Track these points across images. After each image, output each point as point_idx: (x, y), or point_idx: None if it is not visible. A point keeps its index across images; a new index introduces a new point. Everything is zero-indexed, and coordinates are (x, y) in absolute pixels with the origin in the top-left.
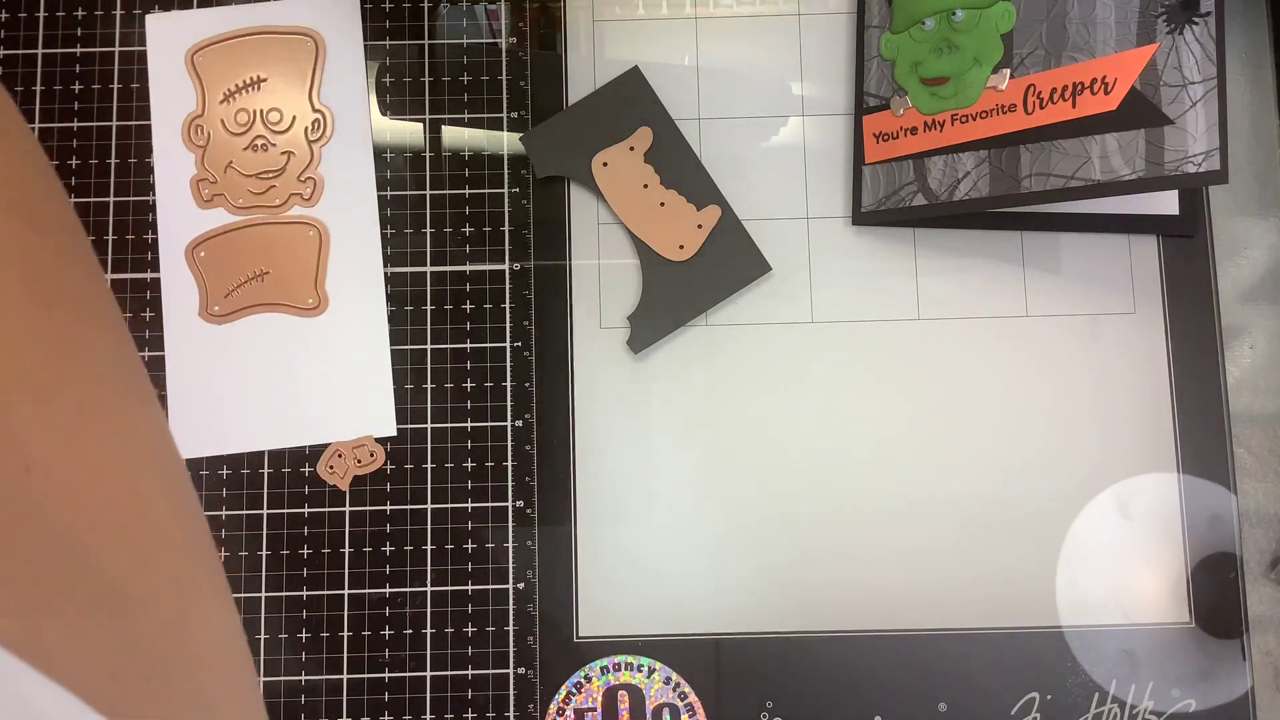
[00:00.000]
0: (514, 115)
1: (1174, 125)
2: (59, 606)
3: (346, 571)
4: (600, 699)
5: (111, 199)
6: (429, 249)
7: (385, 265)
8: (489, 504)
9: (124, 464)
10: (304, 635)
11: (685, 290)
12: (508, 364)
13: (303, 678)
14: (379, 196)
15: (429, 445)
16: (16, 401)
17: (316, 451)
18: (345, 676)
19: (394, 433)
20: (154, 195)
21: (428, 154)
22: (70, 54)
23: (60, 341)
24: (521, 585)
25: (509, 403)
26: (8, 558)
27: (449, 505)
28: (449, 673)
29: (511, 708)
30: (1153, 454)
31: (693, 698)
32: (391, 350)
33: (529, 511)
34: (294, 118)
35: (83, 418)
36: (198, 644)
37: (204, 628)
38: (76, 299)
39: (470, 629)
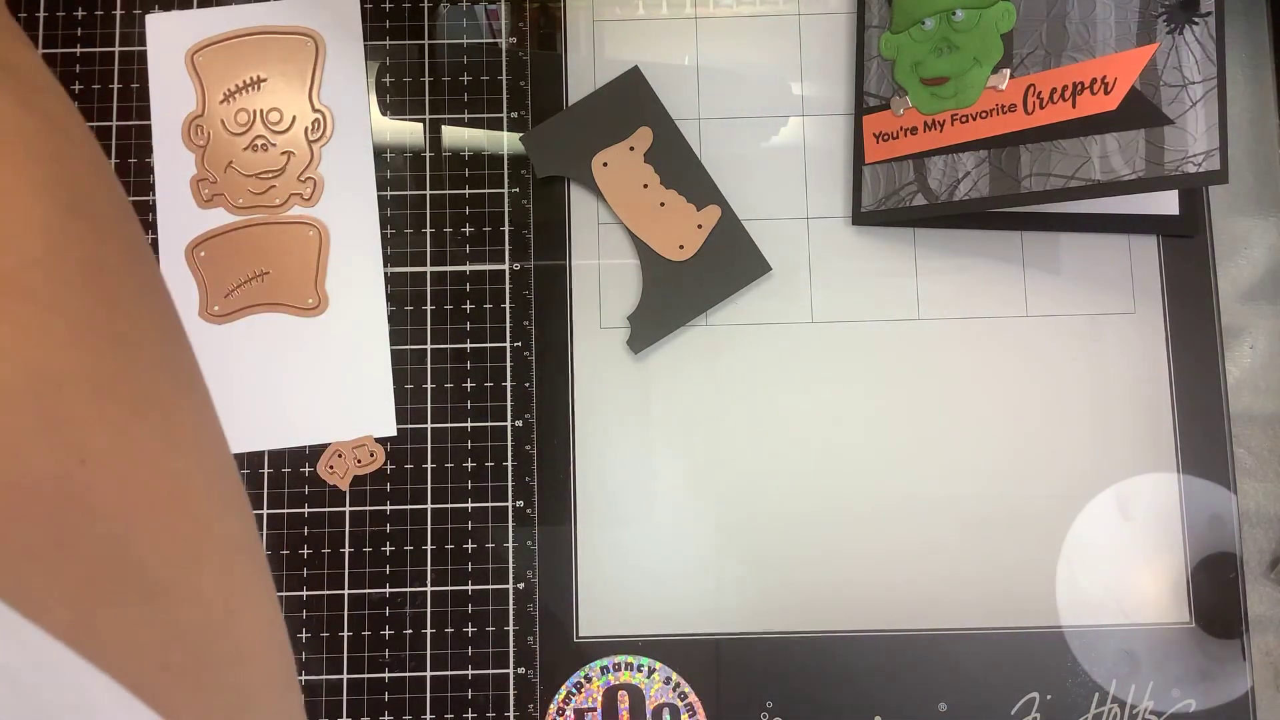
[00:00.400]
0: (514, 115)
1: (1174, 125)
2: (110, 598)
3: (346, 571)
4: (600, 699)
5: None
6: (429, 249)
7: (385, 265)
8: (489, 504)
9: (177, 461)
10: (304, 635)
11: (685, 290)
12: (508, 364)
13: (303, 678)
14: (379, 196)
15: (429, 445)
16: (76, 395)
17: (316, 451)
18: (345, 676)
19: (394, 433)
20: (154, 195)
21: (428, 154)
22: (70, 54)
23: (121, 341)
24: (521, 585)
25: (509, 403)
26: (62, 549)
27: (449, 505)
28: (449, 673)
29: (511, 708)
30: (1153, 454)
31: (693, 698)
32: (391, 350)
33: (529, 511)
34: (294, 118)
35: (139, 415)
36: (241, 639)
37: (247, 623)
38: (137, 299)
39: (470, 629)
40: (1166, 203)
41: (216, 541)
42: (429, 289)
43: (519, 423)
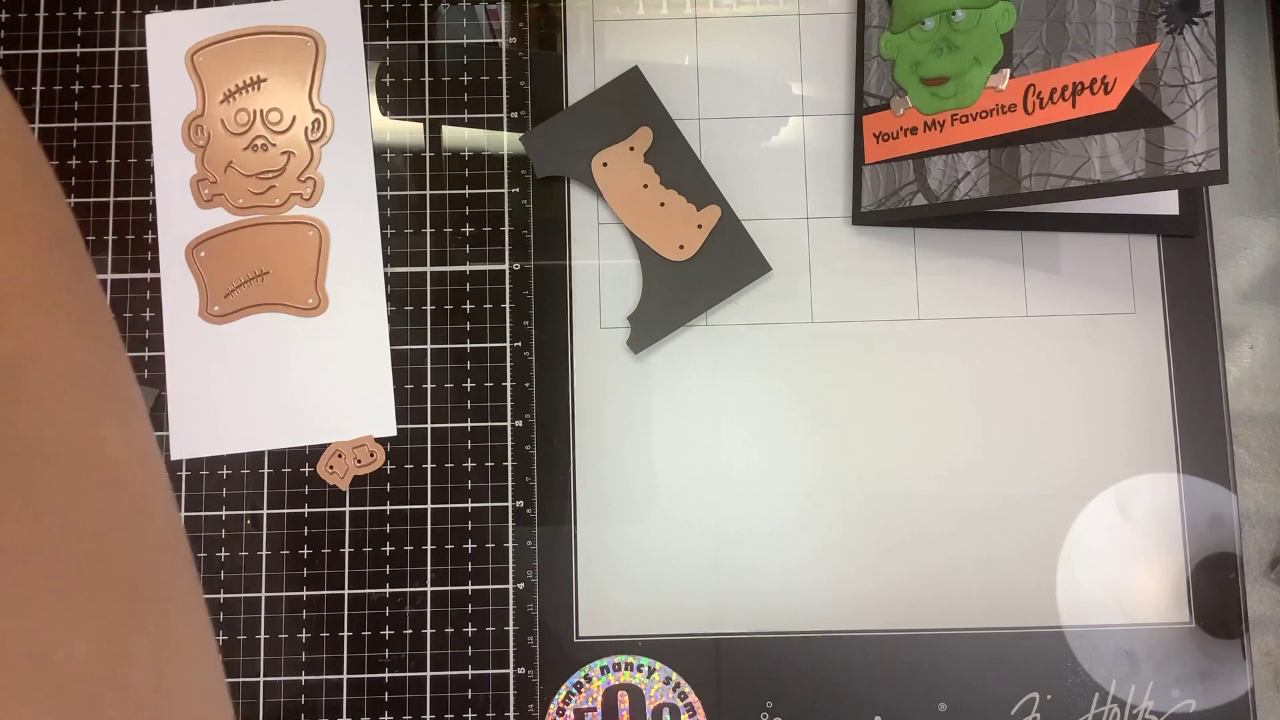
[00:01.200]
0: (514, 115)
1: (1174, 125)
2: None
3: (346, 571)
4: (600, 699)
5: (111, 199)
6: (429, 249)
7: (385, 265)
8: (489, 504)
9: (91, 508)
10: (304, 635)
11: (685, 290)
12: (508, 364)
13: (303, 678)
14: (379, 196)
15: (429, 445)
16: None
17: (316, 451)
18: (345, 676)
19: (394, 433)
20: (154, 195)
21: (428, 154)
22: (70, 54)
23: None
24: (521, 585)
25: (509, 403)
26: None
27: (449, 505)
28: (449, 673)
29: (511, 708)
30: (1153, 454)
31: (693, 698)
32: (391, 350)
33: (529, 511)
34: (294, 118)
35: (26, 490)
36: (175, 716)
37: (183, 697)
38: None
39: (470, 629)
40: (1166, 203)
41: (146, 605)
42: (429, 289)
43: (519, 423)
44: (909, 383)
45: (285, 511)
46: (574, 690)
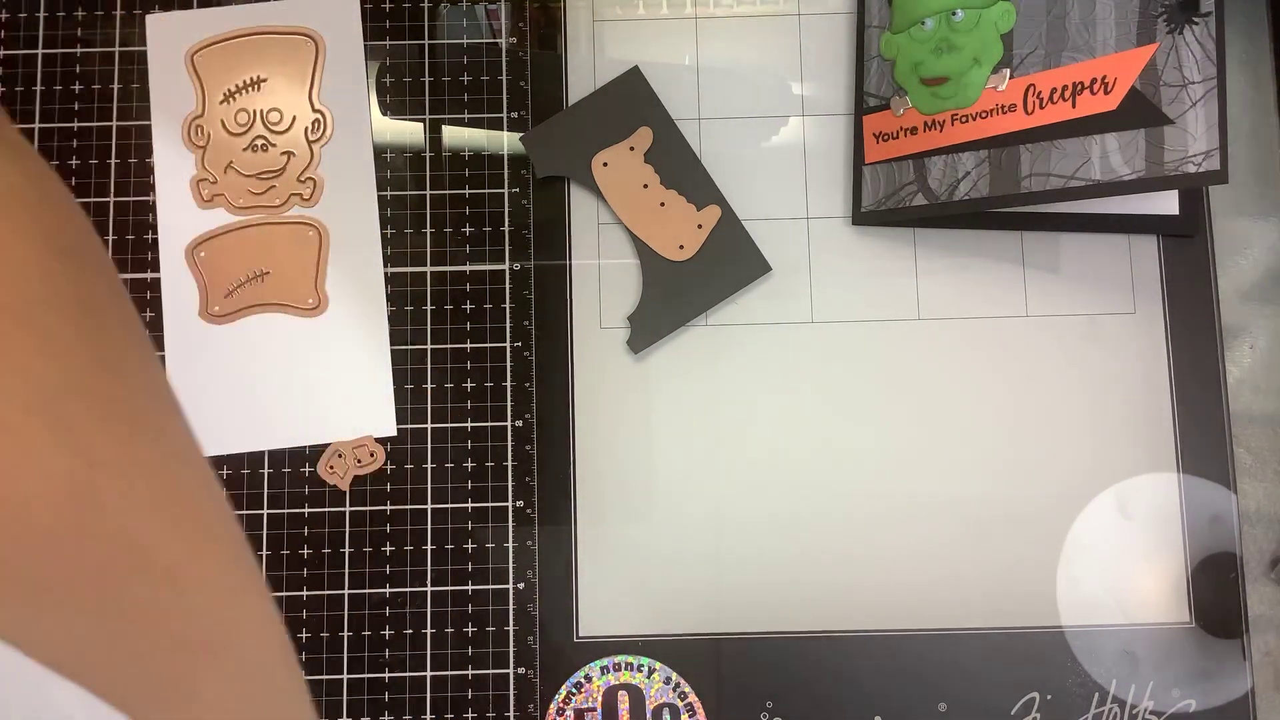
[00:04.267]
0: (514, 115)
1: (1174, 125)
2: (116, 600)
3: (346, 571)
4: (600, 699)
5: (111, 199)
6: (429, 249)
7: (385, 265)
8: (489, 504)
9: (170, 465)
10: (304, 635)
11: (685, 290)
12: (508, 364)
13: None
14: (379, 196)
15: (429, 445)
16: (80, 410)
17: (316, 451)
18: (345, 676)
19: (394, 433)
20: (154, 195)
21: (428, 154)
22: (70, 54)
23: (114, 369)
24: (521, 585)
25: (509, 403)
26: (68, 558)
27: (449, 505)
28: (449, 673)
29: (511, 708)
30: (1153, 454)
31: (693, 698)
32: (391, 350)
33: (529, 511)
34: (294, 118)
35: (138, 431)
36: (245, 622)
37: (247, 608)
38: (123, 331)
39: (470, 629)
40: (1166, 203)
41: (214, 537)
42: (429, 289)
43: (519, 423)
44: (909, 383)
45: (285, 511)
46: (574, 690)
